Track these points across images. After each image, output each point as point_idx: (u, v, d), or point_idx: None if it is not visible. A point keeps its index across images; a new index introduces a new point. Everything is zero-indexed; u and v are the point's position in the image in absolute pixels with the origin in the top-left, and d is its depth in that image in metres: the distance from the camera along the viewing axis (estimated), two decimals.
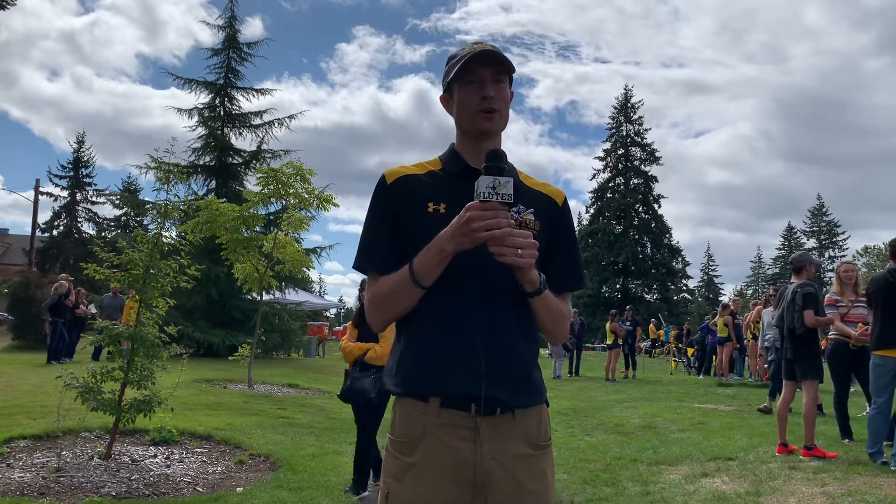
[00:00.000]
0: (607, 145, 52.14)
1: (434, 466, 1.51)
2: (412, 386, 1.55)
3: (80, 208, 40.98)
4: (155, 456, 5.41)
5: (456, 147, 1.67)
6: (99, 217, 41.56)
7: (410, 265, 1.49)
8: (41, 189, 31.41)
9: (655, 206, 50.61)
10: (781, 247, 62.80)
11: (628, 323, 16.74)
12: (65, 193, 40.26)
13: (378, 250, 1.59)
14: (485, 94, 1.56)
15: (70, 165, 40.90)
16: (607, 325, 16.18)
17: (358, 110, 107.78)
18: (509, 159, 1.70)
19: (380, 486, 1.61)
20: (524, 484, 1.54)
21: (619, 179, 51.38)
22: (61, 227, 40.42)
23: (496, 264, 1.45)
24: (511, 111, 1.68)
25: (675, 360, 21.37)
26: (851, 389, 7.17)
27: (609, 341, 16.17)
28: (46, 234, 39.11)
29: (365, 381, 4.59)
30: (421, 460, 1.52)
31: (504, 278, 1.50)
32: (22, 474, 4.63)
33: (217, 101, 20.65)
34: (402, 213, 1.58)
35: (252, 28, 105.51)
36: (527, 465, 1.55)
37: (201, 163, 19.93)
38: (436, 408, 1.52)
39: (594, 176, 52.00)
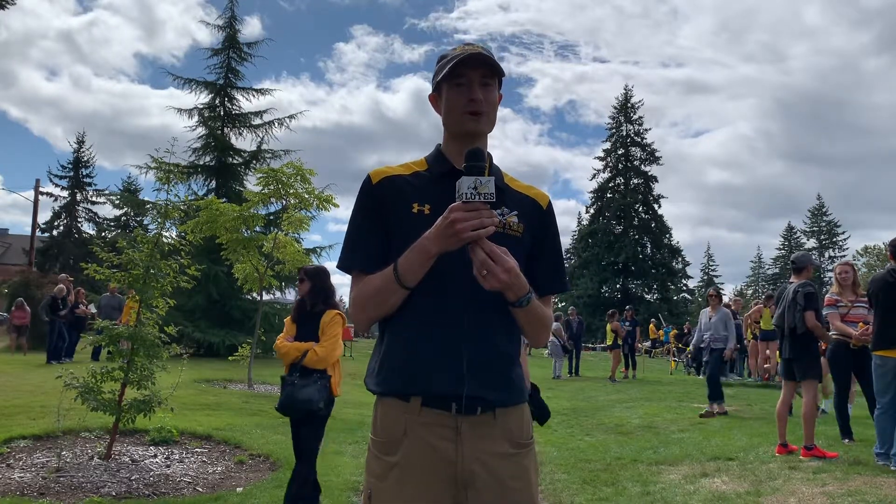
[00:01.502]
0: (607, 145, 52.12)
1: (416, 466, 1.52)
2: (394, 385, 1.56)
3: (80, 208, 40.95)
4: (155, 456, 5.41)
5: (442, 148, 1.68)
6: (99, 217, 41.56)
7: (395, 266, 1.50)
8: (41, 189, 31.41)
9: (655, 206, 50.57)
10: (781, 247, 62.82)
11: (628, 323, 16.74)
12: (65, 193, 40.25)
13: (363, 250, 1.60)
14: (472, 97, 1.57)
15: (70, 165, 40.88)
16: (607, 325, 16.16)
17: (356, 110, 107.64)
18: (508, 159, 1.73)
19: (363, 486, 1.61)
20: (506, 482, 1.55)
21: (619, 179, 51.33)
22: (61, 227, 40.38)
23: None
24: (510, 111, 1.71)
25: (674, 360, 21.37)
26: (852, 389, 7.16)
27: (609, 341, 16.14)
28: (46, 234, 39.08)
29: (309, 390, 3.94)
30: (403, 460, 1.53)
31: None
32: (22, 474, 4.64)
33: (217, 101, 20.67)
34: (387, 214, 1.59)
35: (250, 27, 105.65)
36: (509, 464, 1.56)
37: (201, 163, 19.95)
38: (417, 407, 1.53)
39: (594, 176, 52.00)
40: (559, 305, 41.74)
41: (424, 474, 1.51)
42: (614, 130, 52.07)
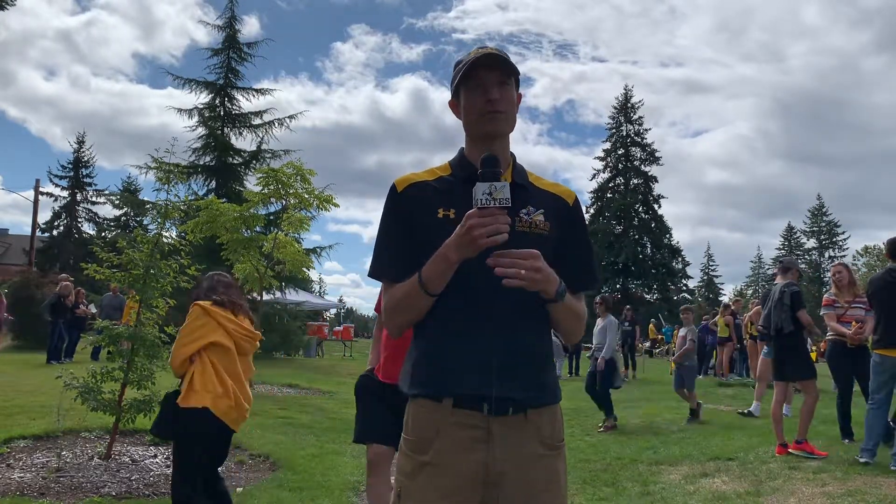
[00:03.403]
0: (607, 145, 52.11)
1: (447, 465, 1.53)
2: (426, 387, 1.58)
3: (80, 208, 40.95)
4: (155, 456, 5.41)
5: (465, 152, 1.70)
6: (99, 217, 41.56)
7: (419, 274, 1.52)
8: (41, 189, 31.40)
9: (655, 206, 50.57)
10: (781, 247, 62.80)
11: (627, 323, 16.73)
12: (65, 193, 40.26)
13: (391, 258, 1.63)
14: (489, 98, 1.59)
15: (70, 165, 40.90)
16: None
17: (355, 109, 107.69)
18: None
19: (393, 484, 1.62)
20: (537, 484, 1.56)
21: (619, 179, 51.32)
22: (61, 227, 40.38)
23: None
24: None
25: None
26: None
27: None
28: (46, 234, 39.07)
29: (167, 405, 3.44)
30: (434, 459, 1.54)
31: None
32: (22, 474, 4.63)
33: (217, 101, 20.68)
34: (414, 220, 1.61)
35: (248, 27, 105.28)
36: (540, 466, 1.57)
37: (201, 163, 19.97)
38: (449, 407, 1.55)
39: (594, 176, 52.00)
40: None
41: (455, 474, 1.52)
42: (614, 130, 52.06)
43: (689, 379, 8.45)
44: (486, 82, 1.59)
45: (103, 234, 39.36)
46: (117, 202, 37.33)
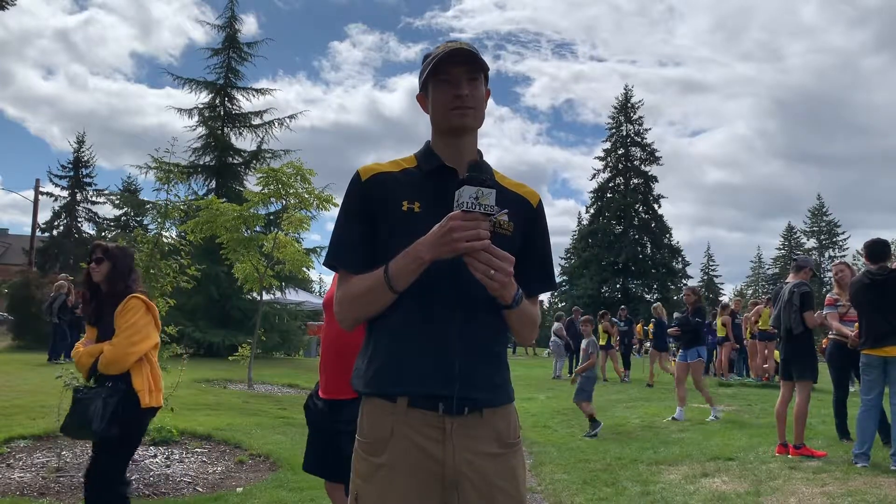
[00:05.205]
0: (607, 145, 52.09)
1: (403, 466, 1.51)
2: (380, 385, 1.55)
3: (80, 208, 40.96)
4: (155, 456, 5.41)
5: (431, 145, 1.67)
6: (99, 217, 41.57)
7: (386, 269, 1.48)
8: (41, 189, 31.41)
9: (655, 206, 50.58)
10: (781, 247, 62.81)
11: (623, 323, 16.72)
12: (65, 193, 40.26)
13: (350, 249, 1.59)
14: (458, 93, 1.57)
15: (70, 165, 40.92)
16: (600, 325, 16.11)
17: (354, 109, 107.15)
18: (506, 158, 1.73)
19: (350, 487, 1.60)
20: (494, 482, 1.54)
21: (619, 179, 51.31)
22: (61, 227, 40.40)
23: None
24: (507, 109, 1.71)
25: (675, 360, 21.37)
26: (851, 389, 7.19)
27: (602, 342, 16.12)
28: (46, 234, 39.09)
29: (93, 407, 3.00)
30: (390, 460, 1.51)
31: (478, 282, 1.50)
32: (22, 474, 4.64)
33: (217, 101, 20.67)
34: (377, 211, 1.58)
35: (246, 26, 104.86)
36: (496, 464, 1.56)
37: (201, 163, 19.96)
38: (404, 407, 1.52)
39: (594, 176, 51.96)
40: (560, 305, 41.70)
41: (411, 475, 1.50)
42: (614, 130, 52.06)
43: (585, 391, 7.71)
44: (455, 78, 1.57)
45: (103, 234, 39.35)
46: (117, 202, 37.33)
